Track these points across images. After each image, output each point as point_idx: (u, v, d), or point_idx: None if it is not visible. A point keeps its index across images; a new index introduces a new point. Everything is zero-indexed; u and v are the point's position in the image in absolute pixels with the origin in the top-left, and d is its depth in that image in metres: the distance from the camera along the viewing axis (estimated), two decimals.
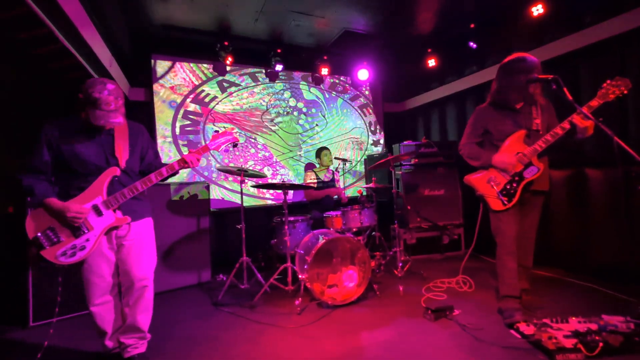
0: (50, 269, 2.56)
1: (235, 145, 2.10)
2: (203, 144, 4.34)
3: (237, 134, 2.04)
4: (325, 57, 4.79)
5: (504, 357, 1.84)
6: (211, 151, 2.00)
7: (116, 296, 1.90)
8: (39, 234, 1.65)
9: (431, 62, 4.67)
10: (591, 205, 3.10)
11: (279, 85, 4.96)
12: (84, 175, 1.73)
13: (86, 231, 1.71)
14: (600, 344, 1.74)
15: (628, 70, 2.87)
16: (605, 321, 1.98)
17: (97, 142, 1.77)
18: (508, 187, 2.21)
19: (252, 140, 4.71)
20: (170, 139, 4.28)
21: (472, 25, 4.01)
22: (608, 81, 2.02)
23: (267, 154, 4.80)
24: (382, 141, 5.69)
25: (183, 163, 1.87)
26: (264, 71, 4.83)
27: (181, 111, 4.36)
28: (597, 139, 3.06)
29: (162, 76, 4.29)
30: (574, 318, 2.04)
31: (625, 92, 1.99)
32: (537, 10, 3.36)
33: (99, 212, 1.74)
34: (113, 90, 1.69)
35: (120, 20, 3.57)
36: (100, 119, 1.66)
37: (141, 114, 4.21)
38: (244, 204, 3.29)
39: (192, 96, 4.43)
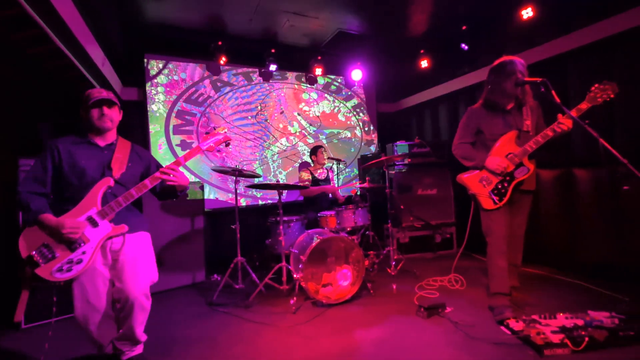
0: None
1: (228, 145, 2.09)
2: (197, 143, 4.34)
3: (226, 131, 2.03)
4: (319, 57, 4.81)
5: (494, 352, 1.89)
6: (204, 151, 1.98)
7: (110, 312, 1.80)
8: (34, 252, 1.58)
9: (424, 63, 4.72)
10: (579, 204, 3.18)
11: (273, 85, 4.96)
12: (79, 188, 1.72)
13: (82, 244, 1.65)
14: (586, 339, 1.80)
15: (614, 71, 2.95)
16: (591, 317, 2.05)
17: (98, 156, 1.80)
18: (499, 186, 2.26)
19: (246, 140, 4.71)
20: (163, 139, 4.26)
21: (464, 27, 4.07)
22: (596, 85, 2.08)
23: (260, 154, 4.81)
24: (375, 141, 5.73)
25: (176, 164, 1.86)
26: (258, 71, 4.83)
27: (174, 111, 4.34)
28: (585, 140, 3.16)
29: (155, 75, 4.26)
30: (561, 314, 2.10)
31: (612, 96, 2.05)
32: (527, 13, 3.42)
33: (94, 223, 1.69)
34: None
35: (113, 20, 3.54)
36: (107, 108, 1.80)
37: (134, 114, 4.18)
38: (237, 204, 3.30)
39: (185, 96, 4.41)
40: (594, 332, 1.85)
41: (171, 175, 1.80)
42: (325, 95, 5.39)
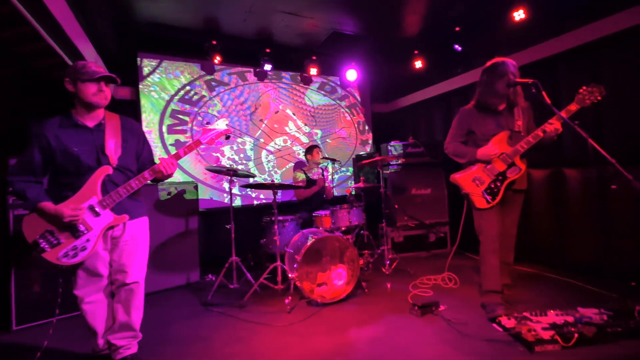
0: (33, 273, 2.54)
1: (228, 137, 2.08)
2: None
3: (227, 123, 2.03)
4: (314, 58, 4.81)
5: (486, 349, 1.91)
6: (204, 145, 1.99)
7: (108, 295, 1.89)
8: (38, 238, 1.65)
9: (418, 64, 4.76)
10: (569, 203, 3.23)
11: (268, 85, 4.96)
12: (76, 175, 1.71)
13: (85, 232, 1.70)
14: (576, 335, 1.84)
15: (603, 73, 3.01)
16: (581, 313, 2.09)
17: (89, 139, 1.76)
18: (492, 186, 2.29)
19: (241, 140, 4.70)
20: (157, 139, 4.23)
21: (457, 29, 4.11)
22: (584, 87, 2.13)
23: (255, 153, 4.80)
24: (370, 141, 5.76)
25: (175, 158, 1.87)
26: (252, 71, 4.82)
27: (168, 111, 4.31)
28: (575, 140, 3.22)
29: (149, 75, 4.23)
30: (552, 311, 2.14)
31: (599, 98, 2.10)
32: (519, 15, 3.47)
33: (95, 213, 1.72)
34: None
35: (106, 18, 3.50)
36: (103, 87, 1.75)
37: (127, 113, 4.05)
38: (233, 204, 3.29)
39: (179, 95, 4.39)
40: (583, 329, 1.89)
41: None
42: (320, 95, 5.40)
